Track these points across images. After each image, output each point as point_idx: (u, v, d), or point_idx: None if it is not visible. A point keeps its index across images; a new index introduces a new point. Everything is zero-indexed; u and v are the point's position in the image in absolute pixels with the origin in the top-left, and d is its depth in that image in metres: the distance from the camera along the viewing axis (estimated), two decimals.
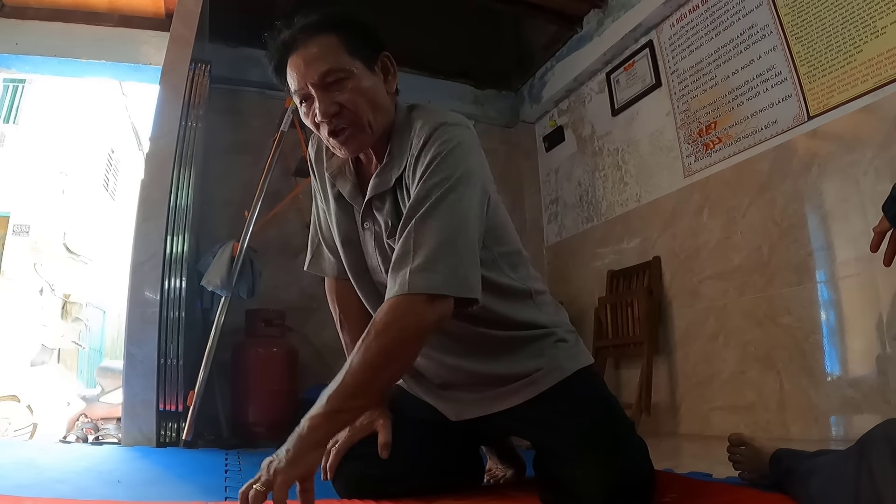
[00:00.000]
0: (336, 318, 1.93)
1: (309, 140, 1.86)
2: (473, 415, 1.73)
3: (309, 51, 1.53)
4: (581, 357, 1.75)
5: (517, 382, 1.67)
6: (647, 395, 3.98)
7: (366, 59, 1.58)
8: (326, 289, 1.96)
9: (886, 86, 2.93)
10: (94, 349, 12.64)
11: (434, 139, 1.54)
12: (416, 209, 1.48)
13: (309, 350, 4.58)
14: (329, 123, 1.54)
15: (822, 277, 3.21)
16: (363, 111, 1.55)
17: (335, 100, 1.52)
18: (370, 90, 1.57)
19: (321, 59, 1.52)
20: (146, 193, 3.71)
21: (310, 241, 1.95)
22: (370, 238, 1.70)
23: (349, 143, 1.58)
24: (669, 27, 4.30)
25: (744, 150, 3.69)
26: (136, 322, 3.54)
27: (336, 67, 1.52)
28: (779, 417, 3.34)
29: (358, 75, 1.55)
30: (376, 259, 1.70)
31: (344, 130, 1.55)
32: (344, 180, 1.71)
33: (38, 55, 4.38)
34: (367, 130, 1.57)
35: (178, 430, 3.49)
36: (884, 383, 2.86)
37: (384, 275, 1.63)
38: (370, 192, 1.64)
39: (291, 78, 1.56)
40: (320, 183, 1.83)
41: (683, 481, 1.92)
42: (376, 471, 1.60)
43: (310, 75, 1.52)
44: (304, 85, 1.53)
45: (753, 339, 3.52)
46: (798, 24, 3.36)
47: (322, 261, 1.92)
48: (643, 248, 4.44)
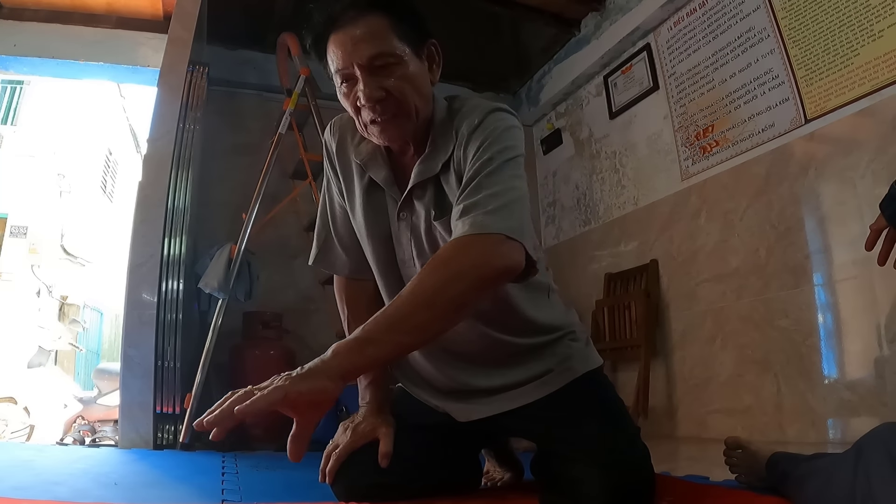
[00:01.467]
0: (344, 318, 1.86)
1: (328, 128, 1.80)
2: (482, 415, 1.71)
3: (357, 29, 1.45)
4: (591, 358, 1.75)
5: (526, 385, 1.67)
6: (645, 398, 3.98)
7: (414, 45, 1.53)
8: (336, 287, 1.90)
9: (883, 89, 2.93)
10: (91, 351, 12.61)
11: (490, 119, 1.53)
12: (483, 167, 1.46)
13: (306, 352, 4.57)
14: (373, 109, 1.49)
15: (820, 280, 3.21)
16: (410, 98, 1.51)
17: (382, 85, 1.47)
18: (417, 77, 1.53)
19: (371, 40, 1.45)
20: (144, 195, 3.71)
21: (316, 234, 1.87)
22: (406, 229, 1.65)
23: (390, 129, 1.53)
24: (667, 30, 4.30)
25: (741, 153, 3.69)
26: (133, 324, 3.54)
27: (386, 51, 1.46)
28: (776, 420, 3.34)
29: (406, 61, 1.50)
30: (410, 251, 1.66)
31: (387, 117, 1.50)
32: (378, 167, 1.65)
33: (36, 57, 4.38)
34: (411, 118, 1.53)
35: (175, 433, 3.49)
36: (881, 386, 2.87)
37: (417, 268, 1.63)
38: (415, 179, 1.59)
39: (334, 55, 1.48)
40: (343, 172, 1.75)
41: (680, 484, 1.92)
42: (376, 478, 1.58)
43: (357, 56, 1.45)
44: (349, 65, 1.46)
45: (750, 342, 3.52)
46: (795, 27, 3.36)
47: (332, 256, 1.84)
48: (640, 251, 4.44)
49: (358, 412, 1.73)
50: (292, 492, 2.12)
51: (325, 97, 4.47)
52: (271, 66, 4.70)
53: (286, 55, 4.48)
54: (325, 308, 4.63)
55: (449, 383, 1.75)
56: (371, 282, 1.81)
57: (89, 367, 10.11)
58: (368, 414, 1.70)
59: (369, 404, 1.73)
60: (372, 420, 1.67)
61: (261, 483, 2.36)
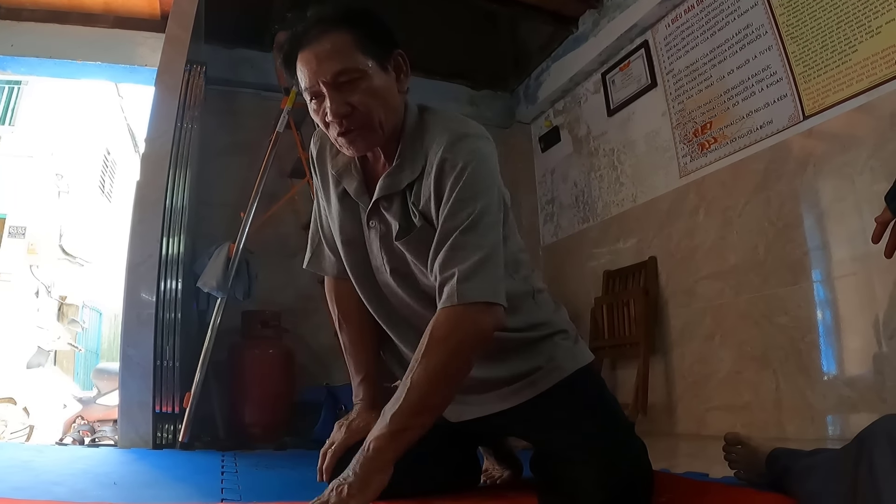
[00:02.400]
0: (335, 319, 1.91)
1: (312, 139, 1.84)
2: (473, 415, 1.73)
3: (321, 47, 1.49)
4: (580, 356, 1.76)
5: (517, 383, 1.68)
6: (644, 396, 3.98)
7: (379, 58, 1.55)
8: (326, 288, 1.95)
9: (882, 85, 2.93)
10: (90, 351, 12.62)
11: (458, 151, 1.53)
12: (453, 226, 1.49)
13: (305, 351, 4.58)
14: (339, 124, 1.52)
15: (818, 277, 3.21)
16: (375, 112, 1.53)
17: (347, 100, 1.50)
18: (382, 90, 1.55)
19: (334, 57, 1.49)
20: (142, 195, 3.71)
21: (310, 238, 1.93)
22: (375, 237, 1.68)
23: (358, 142, 1.56)
24: (665, 27, 4.30)
25: (739, 149, 3.69)
26: (132, 324, 3.54)
27: (350, 67, 1.49)
28: (775, 417, 3.34)
29: (371, 75, 1.52)
30: (381, 258, 1.69)
31: (353, 131, 1.53)
32: (350, 178, 1.69)
33: (33, 56, 4.37)
34: (377, 131, 1.56)
35: (175, 432, 3.49)
36: (880, 382, 2.87)
37: (388, 275, 1.68)
38: (379, 193, 1.62)
39: (302, 73, 1.53)
40: (322, 181, 1.80)
41: (680, 481, 1.92)
42: None
43: (322, 73, 1.49)
44: (315, 83, 1.50)
45: (749, 338, 3.52)
46: (793, 23, 3.36)
47: (322, 259, 1.90)
48: (639, 248, 4.44)
49: (352, 410, 1.75)
50: (291, 491, 2.13)
51: None
52: (269, 65, 4.69)
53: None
54: (323, 307, 4.57)
55: None
56: None
57: (88, 367, 10.11)
58: (362, 410, 1.73)
59: (363, 401, 1.77)
60: (366, 416, 1.69)
61: (260, 482, 2.36)
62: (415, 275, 1.67)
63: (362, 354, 1.85)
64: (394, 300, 1.75)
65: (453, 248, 1.47)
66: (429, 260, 1.54)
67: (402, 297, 1.72)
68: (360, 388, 1.80)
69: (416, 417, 1.40)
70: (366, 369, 1.82)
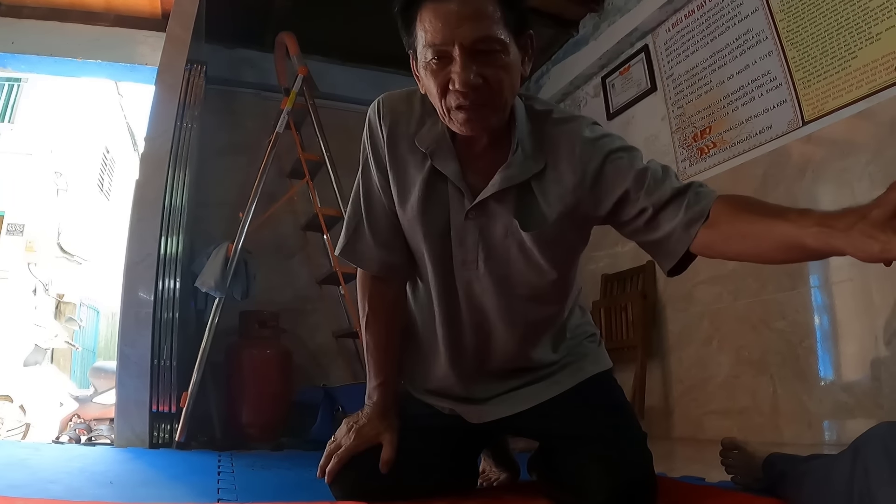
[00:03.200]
0: (363, 315, 1.74)
1: (378, 110, 1.61)
2: (496, 416, 1.70)
3: (466, 5, 1.33)
4: (603, 360, 1.79)
5: (541, 382, 1.68)
6: (641, 399, 3.98)
7: (517, 34, 1.42)
8: (359, 281, 1.76)
9: (881, 91, 2.93)
10: (87, 349, 12.61)
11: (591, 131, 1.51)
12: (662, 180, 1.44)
13: (302, 352, 4.59)
14: (465, 96, 1.36)
15: (816, 282, 3.21)
16: (505, 91, 1.40)
17: (481, 71, 1.35)
18: (514, 69, 1.42)
19: (479, 20, 1.33)
20: (141, 194, 3.71)
21: (346, 224, 1.70)
22: (474, 229, 1.54)
23: (475, 120, 1.40)
24: (665, 32, 4.30)
25: (738, 154, 3.69)
26: (129, 322, 3.54)
27: (493, 36, 1.34)
28: (772, 422, 3.34)
29: (509, 50, 1.39)
30: (476, 253, 1.56)
31: (477, 107, 1.38)
32: (445, 158, 1.53)
33: (34, 54, 4.36)
34: (499, 112, 1.44)
35: (171, 432, 3.49)
36: (877, 388, 2.87)
37: (479, 271, 1.57)
38: (501, 184, 1.49)
39: (431, 26, 1.35)
40: (393, 160, 1.59)
41: (677, 485, 1.92)
42: (375, 482, 1.58)
43: (461, 35, 1.32)
44: (449, 41, 1.33)
45: (747, 343, 3.53)
46: (793, 29, 3.37)
47: (362, 250, 1.68)
48: (637, 252, 4.39)
49: (363, 410, 1.70)
50: (288, 491, 2.13)
51: (323, 96, 4.48)
52: (269, 65, 4.70)
53: (284, 54, 4.48)
54: (321, 308, 4.64)
55: (464, 392, 1.73)
56: (396, 283, 1.73)
57: (85, 366, 10.09)
58: (374, 416, 1.66)
59: (376, 406, 1.69)
60: (377, 424, 1.65)
61: (256, 482, 2.36)
62: (511, 276, 1.57)
63: (385, 357, 1.72)
64: (468, 301, 1.62)
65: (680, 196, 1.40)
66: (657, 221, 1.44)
67: (484, 299, 1.61)
68: (376, 392, 1.70)
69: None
70: (385, 374, 1.71)
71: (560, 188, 1.49)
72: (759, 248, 1.27)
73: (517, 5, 1.42)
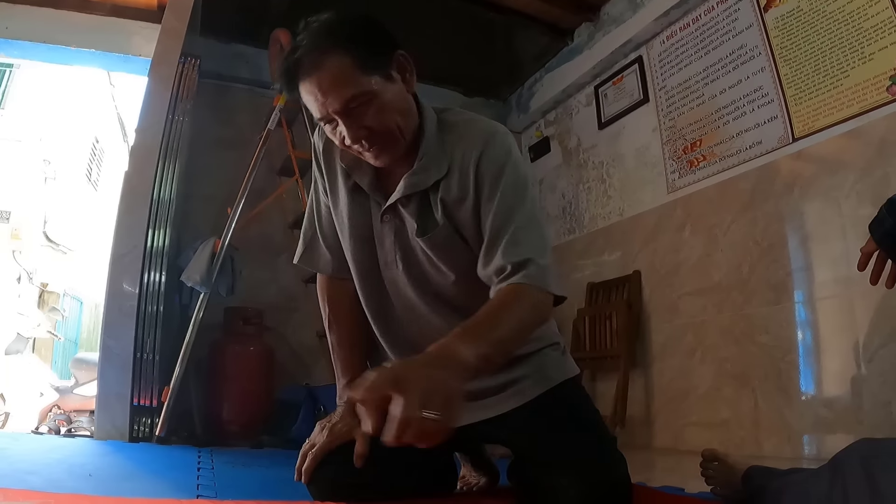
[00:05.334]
0: (325, 317, 1.85)
1: (317, 130, 1.75)
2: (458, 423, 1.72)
3: (323, 76, 1.42)
4: (568, 368, 1.78)
5: (505, 392, 1.68)
6: (623, 408, 3.99)
7: (383, 72, 1.48)
8: (318, 286, 1.89)
9: (871, 111, 2.96)
10: (69, 340, 12.54)
11: (495, 148, 1.57)
12: (510, 207, 1.52)
13: (285, 350, 4.57)
14: (361, 146, 1.50)
15: (801, 298, 3.23)
16: (392, 125, 1.50)
17: (362, 124, 1.46)
18: (394, 102, 1.51)
19: (339, 85, 1.42)
20: (129, 185, 3.70)
21: (303, 233, 1.88)
22: (390, 232, 1.66)
23: (383, 156, 1.54)
24: (660, 44, 4.32)
25: (728, 168, 3.71)
26: (113, 314, 3.53)
27: (357, 93, 1.43)
28: (752, 435, 3.36)
29: (379, 93, 1.46)
30: (394, 254, 1.67)
31: (375, 147, 1.51)
32: (362, 172, 1.65)
33: (27, 40, 4.32)
34: (399, 141, 1.54)
35: (152, 426, 3.47)
36: (857, 404, 2.89)
37: (399, 271, 1.67)
38: (403, 191, 1.59)
39: (310, 104, 1.48)
40: (328, 174, 1.75)
41: (656, 495, 1.93)
42: (351, 478, 1.58)
43: (331, 104, 1.44)
44: (326, 112, 1.46)
45: (730, 356, 3.54)
46: (787, 46, 3.39)
47: (316, 255, 1.84)
48: (624, 261, 4.46)
49: (335, 411, 1.72)
50: (267, 489, 2.12)
51: None
52: (263, 61, 4.69)
53: (279, 51, 4.46)
54: (306, 306, 4.62)
55: None
56: (352, 283, 1.81)
57: (67, 356, 10.06)
58: (346, 414, 1.67)
59: (347, 403, 1.70)
60: (349, 420, 1.65)
61: (236, 480, 2.35)
62: (427, 273, 1.67)
63: (351, 356, 1.81)
64: (397, 300, 1.74)
65: (514, 243, 1.48)
66: (482, 253, 1.55)
67: (410, 296, 1.71)
68: (346, 391, 1.74)
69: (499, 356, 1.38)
70: (353, 371, 1.76)
71: (450, 195, 1.59)
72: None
73: (373, 47, 1.48)
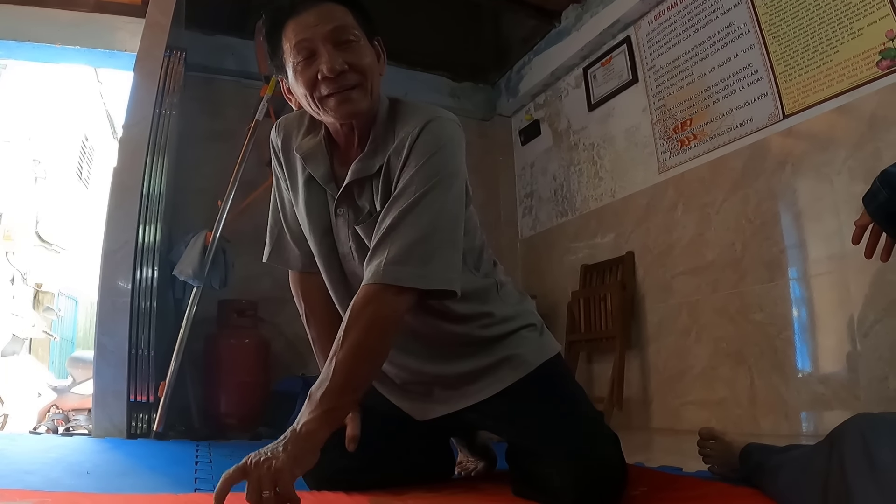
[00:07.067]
0: (301, 313, 1.89)
1: (274, 127, 1.80)
2: (438, 413, 1.73)
3: (321, 9, 1.50)
4: (547, 348, 1.76)
5: (483, 380, 1.67)
6: (619, 390, 4.00)
7: (369, 35, 1.58)
8: (291, 282, 1.93)
9: (861, 87, 2.95)
10: (65, 339, 12.51)
11: (426, 132, 1.53)
12: (399, 202, 1.48)
13: (281, 341, 4.56)
14: (334, 81, 1.49)
15: (795, 275, 3.24)
16: (368, 74, 1.54)
17: (345, 58, 1.49)
18: (374, 59, 1.58)
19: (334, 16, 1.51)
20: (119, 181, 3.68)
21: (269, 231, 1.90)
22: (344, 224, 1.65)
23: (348, 104, 1.52)
24: (647, 24, 4.31)
25: (718, 147, 3.71)
26: (107, 312, 3.51)
27: (349, 25, 1.52)
28: (749, 413, 3.37)
29: (365, 45, 1.56)
30: (349, 246, 1.66)
31: (347, 89, 1.51)
32: (316, 163, 1.66)
33: (11, 40, 4.29)
34: (367, 95, 1.55)
35: (149, 422, 3.47)
36: (853, 380, 2.90)
37: (356, 262, 1.64)
38: (351, 177, 1.60)
39: (294, 33, 1.50)
40: (288, 169, 1.76)
41: (654, 475, 1.93)
42: (345, 462, 1.58)
43: (321, 29, 1.48)
44: (311, 37, 1.49)
45: (725, 335, 3.55)
46: (775, 23, 3.38)
47: (285, 252, 1.86)
48: (617, 242, 4.46)
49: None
50: None
51: None
52: (250, 53, 4.65)
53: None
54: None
55: (402, 374, 1.76)
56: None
57: (63, 356, 10.01)
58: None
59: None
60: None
61: None
62: None
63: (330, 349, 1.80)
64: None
65: (392, 225, 1.47)
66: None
67: None
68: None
69: (343, 396, 1.38)
70: None
71: (386, 184, 1.58)
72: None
73: (366, 15, 1.59)
